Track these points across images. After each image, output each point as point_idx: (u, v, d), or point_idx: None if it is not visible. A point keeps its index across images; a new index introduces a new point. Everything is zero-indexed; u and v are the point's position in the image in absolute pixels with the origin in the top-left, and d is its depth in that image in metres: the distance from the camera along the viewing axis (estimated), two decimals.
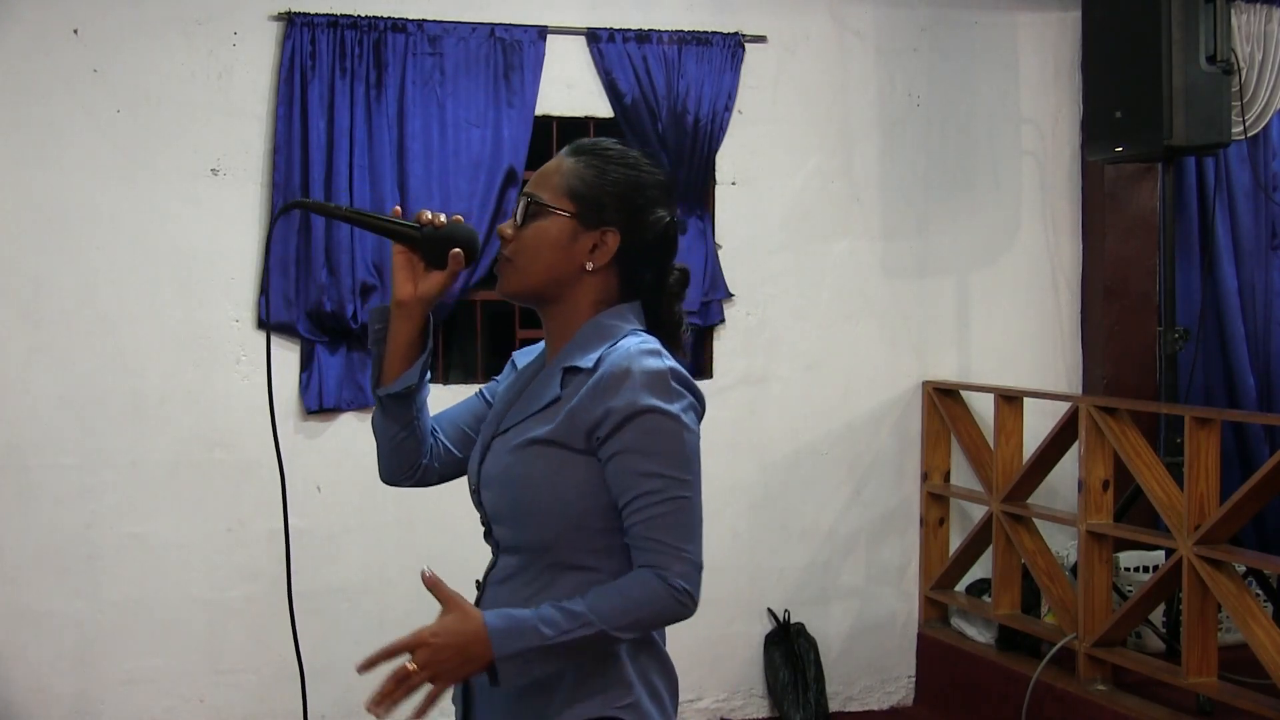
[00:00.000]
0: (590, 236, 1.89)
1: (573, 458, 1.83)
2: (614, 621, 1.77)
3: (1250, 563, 3.99)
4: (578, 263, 1.90)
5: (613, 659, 1.85)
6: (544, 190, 1.91)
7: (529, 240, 1.90)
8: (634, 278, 1.93)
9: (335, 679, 4.52)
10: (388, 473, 2.09)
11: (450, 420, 2.11)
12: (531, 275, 1.91)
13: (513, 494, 1.88)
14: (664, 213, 1.95)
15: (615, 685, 1.86)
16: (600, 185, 1.90)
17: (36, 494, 4.30)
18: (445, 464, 2.10)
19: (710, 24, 4.84)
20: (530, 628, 1.76)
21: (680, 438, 1.80)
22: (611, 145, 1.96)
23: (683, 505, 1.80)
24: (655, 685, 1.90)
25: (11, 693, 4.29)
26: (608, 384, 1.80)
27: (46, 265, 4.30)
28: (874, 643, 5.11)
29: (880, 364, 5.09)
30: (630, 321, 1.92)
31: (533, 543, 1.88)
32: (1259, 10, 5.19)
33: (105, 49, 4.32)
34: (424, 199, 4.50)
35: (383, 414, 2.02)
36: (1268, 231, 5.33)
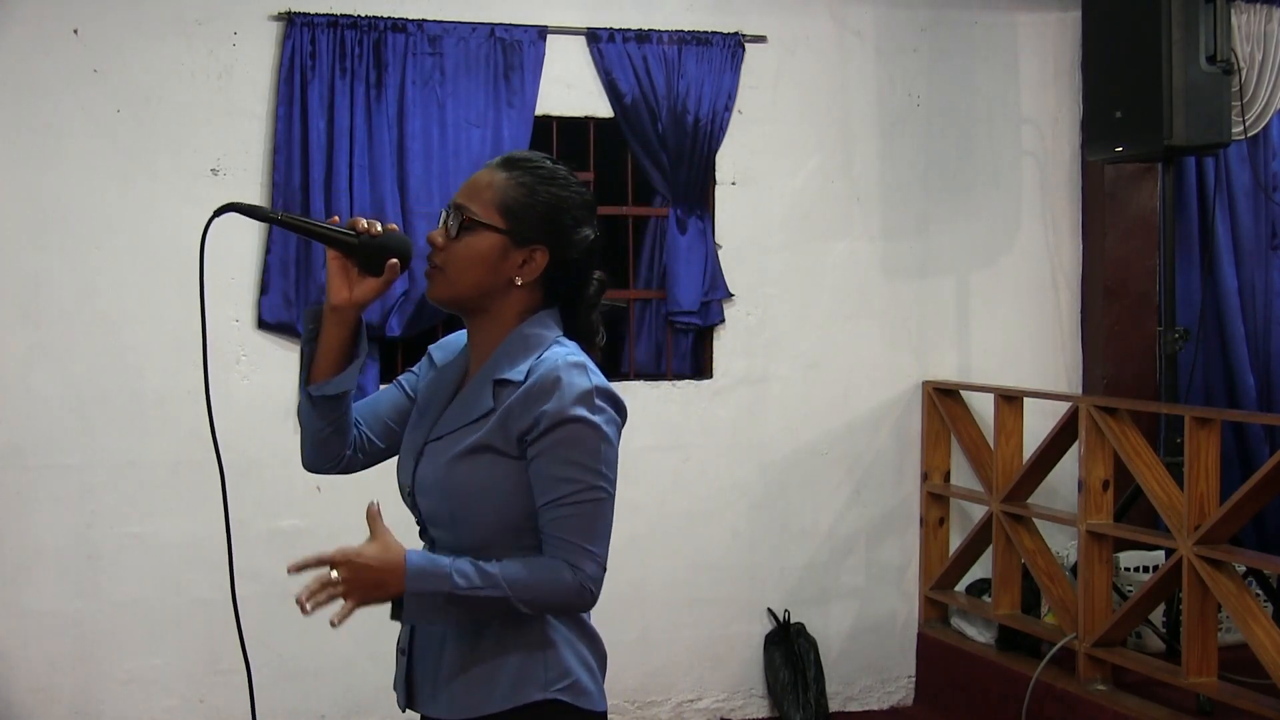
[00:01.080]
0: (520, 253, 1.98)
1: (506, 463, 1.92)
2: (520, 594, 1.87)
3: (1250, 563, 3.99)
4: (506, 276, 1.98)
5: (550, 645, 1.96)
6: (475, 203, 1.98)
7: (460, 253, 1.97)
8: (557, 289, 2.02)
9: (334, 679, 4.54)
10: (311, 462, 2.17)
11: (372, 412, 2.17)
12: (460, 286, 1.98)
13: (451, 501, 1.97)
14: (588, 230, 2.03)
15: (553, 669, 1.95)
16: (531, 204, 1.98)
17: (36, 494, 4.30)
18: (368, 454, 2.18)
19: (710, 24, 4.84)
20: (444, 574, 1.87)
21: (598, 447, 1.90)
22: (542, 162, 2.04)
23: (594, 509, 1.90)
24: (589, 662, 2.01)
25: (11, 693, 4.29)
26: (538, 393, 1.89)
27: (46, 265, 4.30)
28: (874, 643, 5.11)
29: (880, 364, 5.10)
30: (552, 329, 2.00)
31: (468, 545, 1.95)
32: (1259, 10, 5.19)
33: (105, 49, 4.32)
34: (424, 199, 4.50)
35: (311, 409, 2.08)
36: (1268, 231, 5.33)
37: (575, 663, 1.97)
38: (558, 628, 1.97)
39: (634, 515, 4.58)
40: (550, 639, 1.96)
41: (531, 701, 1.94)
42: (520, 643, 1.95)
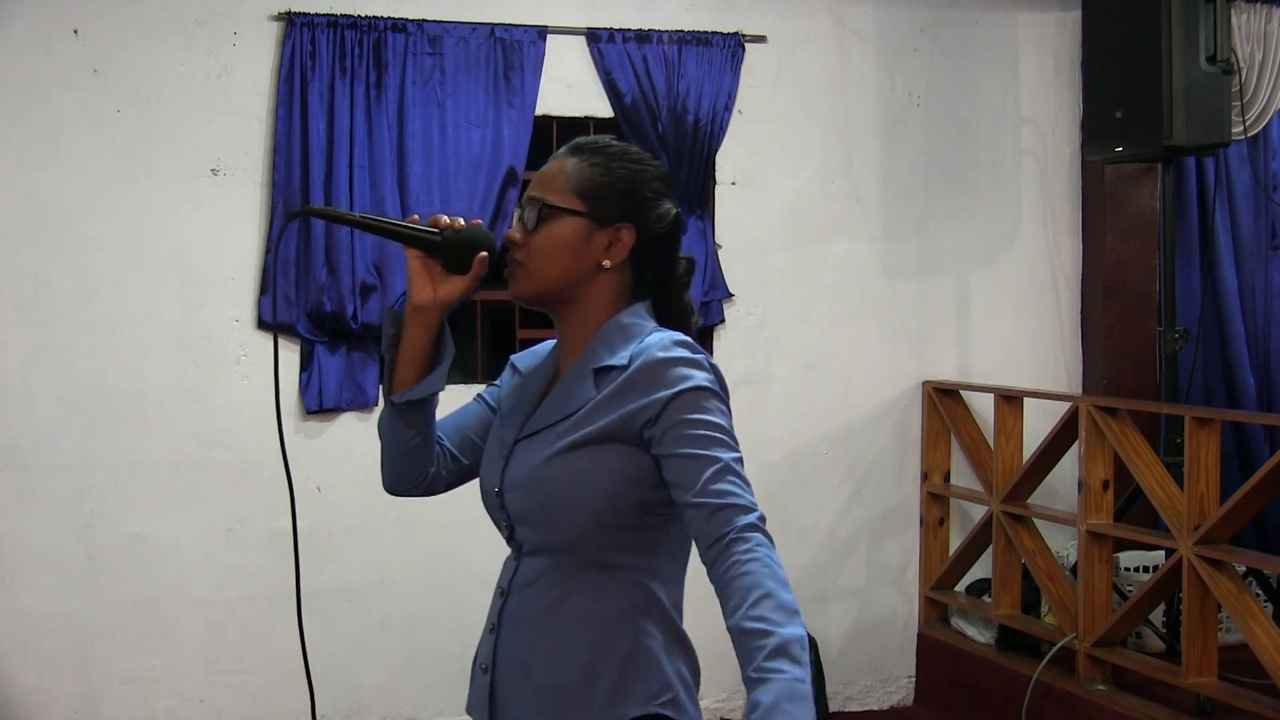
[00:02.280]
0: (604, 234, 1.90)
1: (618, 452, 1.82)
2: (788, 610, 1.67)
3: (1250, 563, 3.99)
4: (593, 261, 1.90)
5: (649, 658, 1.84)
6: (550, 192, 1.90)
7: (542, 244, 1.89)
8: (648, 270, 1.94)
9: (335, 679, 4.54)
10: (393, 481, 2.04)
11: (455, 428, 2.07)
12: (547, 278, 1.90)
13: (544, 496, 1.85)
14: (669, 204, 1.95)
15: (655, 683, 1.85)
16: (608, 182, 1.90)
17: (36, 494, 4.30)
18: (451, 472, 2.07)
19: (710, 24, 4.84)
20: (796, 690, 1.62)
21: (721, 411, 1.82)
22: (610, 142, 1.96)
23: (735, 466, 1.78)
24: (686, 678, 1.90)
25: (11, 693, 4.29)
26: (652, 376, 1.81)
27: (46, 265, 4.30)
28: (874, 643, 5.11)
29: (880, 364, 5.10)
30: (649, 320, 1.92)
31: (561, 543, 1.85)
32: (1259, 10, 5.19)
33: (105, 49, 4.32)
34: (424, 199, 4.50)
35: (395, 420, 1.97)
36: (1268, 231, 5.33)
37: (674, 677, 1.87)
38: (655, 635, 1.85)
39: None
40: (649, 650, 1.85)
41: (632, 718, 1.82)
42: (616, 656, 1.83)
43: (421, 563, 4.60)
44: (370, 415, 4.55)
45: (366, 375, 4.53)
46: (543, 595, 1.87)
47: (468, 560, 4.60)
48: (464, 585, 4.52)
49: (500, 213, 4.58)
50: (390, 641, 4.57)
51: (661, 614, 1.88)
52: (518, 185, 4.59)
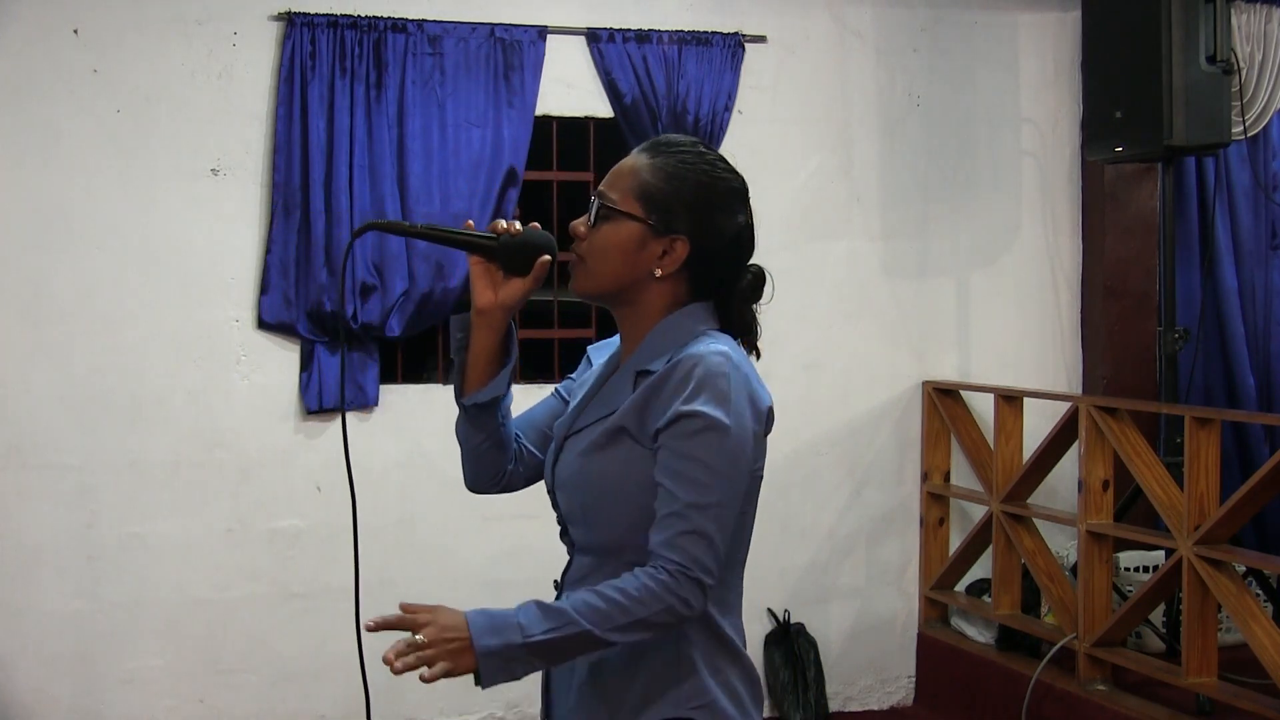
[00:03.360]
0: (659, 243, 1.88)
1: (641, 453, 1.82)
2: (600, 622, 1.74)
3: (1250, 563, 3.99)
4: (645, 268, 1.89)
5: (687, 663, 1.85)
6: (615, 190, 1.90)
7: (598, 243, 1.90)
8: (704, 281, 1.92)
9: (335, 679, 4.54)
10: (472, 480, 2.08)
11: (531, 423, 2.10)
12: (601, 278, 1.91)
13: (583, 496, 1.88)
14: (740, 218, 1.94)
15: (688, 687, 1.85)
16: (672, 191, 1.88)
17: (36, 494, 4.30)
18: (530, 468, 2.09)
19: (710, 24, 4.84)
20: (511, 624, 1.74)
21: (722, 447, 1.78)
22: (688, 147, 1.93)
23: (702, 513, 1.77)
24: (734, 686, 1.89)
25: (11, 693, 4.29)
26: (672, 386, 1.80)
27: (46, 265, 4.30)
28: (874, 643, 5.11)
29: (880, 364, 5.09)
30: (702, 322, 1.91)
31: (606, 543, 1.87)
32: (1259, 10, 5.19)
33: (105, 49, 4.32)
34: (424, 199, 4.50)
35: (467, 423, 2.01)
36: (1268, 231, 5.33)
37: (714, 683, 1.86)
38: (696, 643, 1.85)
39: None
40: (687, 655, 1.85)
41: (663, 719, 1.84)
42: (656, 659, 1.85)
43: (421, 563, 4.60)
44: (370, 415, 4.55)
45: (366, 375, 4.53)
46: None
47: (468, 560, 4.61)
48: (464, 585, 4.52)
49: (500, 213, 4.57)
50: (390, 641, 4.56)
51: (707, 621, 1.87)
52: (518, 185, 4.59)
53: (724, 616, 1.89)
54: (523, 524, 4.66)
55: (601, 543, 1.88)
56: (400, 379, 4.68)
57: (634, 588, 1.75)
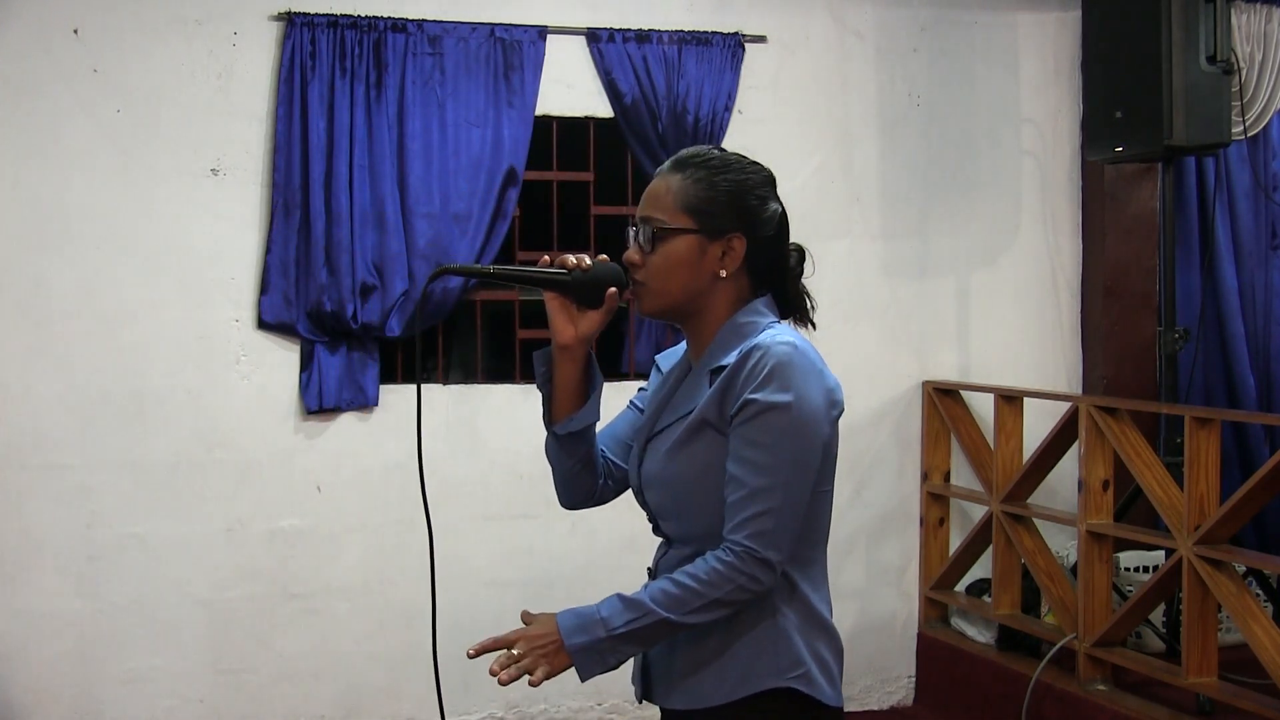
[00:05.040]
0: (718, 245, 2.01)
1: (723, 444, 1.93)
2: (677, 608, 1.89)
3: (1250, 563, 3.98)
4: (710, 272, 2.01)
5: (781, 635, 1.96)
6: (660, 211, 2.01)
7: (660, 264, 2.01)
8: (762, 271, 2.06)
9: (335, 679, 4.54)
10: (568, 500, 2.20)
11: (613, 436, 2.21)
12: (669, 295, 2.02)
13: (674, 491, 2.00)
14: (775, 204, 2.07)
15: (785, 657, 1.96)
16: (714, 196, 2.01)
17: (36, 494, 4.30)
18: (618, 480, 2.21)
19: (710, 24, 4.84)
20: (595, 620, 1.91)
21: (789, 432, 1.90)
22: (711, 153, 2.06)
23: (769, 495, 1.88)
24: (824, 657, 2.00)
25: (11, 693, 4.29)
26: (745, 376, 1.91)
27: (46, 265, 4.30)
28: (874, 643, 5.11)
29: (880, 364, 5.09)
30: (765, 315, 2.04)
31: (699, 533, 1.98)
32: (1259, 10, 5.19)
33: (105, 49, 4.32)
34: (424, 199, 4.50)
35: (558, 449, 2.12)
36: (1268, 231, 5.33)
37: (807, 654, 1.97)
38: (789, 616, 1.96)
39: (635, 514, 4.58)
40: (781, 628, 1.96)
41: (764, 690, 1.94)
42: (751, 633, 1.95)
43: (421, 563, 4.59)
44: (370, 415, 4.55)
45: (366, 375, 4.53)
46: None
47: (468, 560, 4.60)
48: (464, 585, 4.52)
49: (500, 213, 4.57)
50: (390, 641, 4.57)
51: (797, 595, 1.98)
52: (518, 185, 4.59)
53: (814, 591, 2.00)
54: (523, 524, 4.67)
55: (696, 533, 1.99)
56: (400, 379, 4.68)
57: (704, 572, 1.89)
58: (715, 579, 1.88)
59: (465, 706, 4.65)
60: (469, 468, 4.61)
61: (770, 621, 1.96)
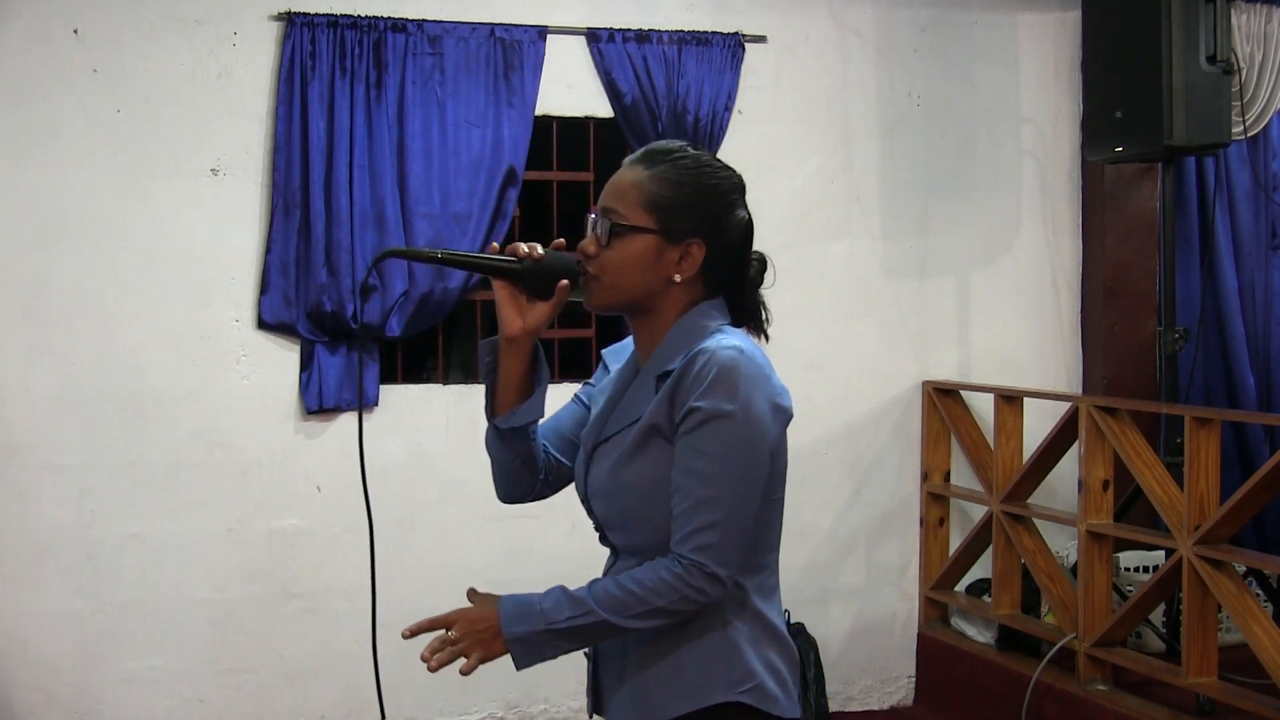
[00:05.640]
0: (675, 250, 1.93)
1: (671, 453, 1.87)
2: (617, 610, 1.83)
3: (1250, 563, 3.99)
4: (665, 275, 1.93)
5: (732, 647, 1.90)
6: (622, 205, 1.93)
7: (615, 260, 1.93)
8: (718, 277, 1.97)
9: (335, 679, 4.54)
10: (505, 494, 2.14)
11: (557, 432, 2.14)
12: (620, 292, 1.95)
13: (622, 503, 1.94)
14: (742, 213, 1.99)
15: (736, 671, 1.90)
16: (679, 198, 1.93)
17: (36, 494, 4.30)
18: (559, 475, 2.14)
19: (710, 24, 4.84)
20: (535, 612, 1.85)
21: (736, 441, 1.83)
22: (682, 152, 1.98)
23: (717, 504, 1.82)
24: (777, 668, 1.95)
25: (11, 693, 4.29)
26: (689, 383, 1.84)
27: (46, 265, 4.30)
28: (874, 643, 5.11)
29: (880, 364, 5.09)
30: (715, 318, 1.95)
31: (648, 545, 1.92)
32: (1259, 10, 5.19)
33: (105, 49, 4.32)
34: (424, 199, 4.50)
35: (499, 442, 2.05)
36: (1268, 231, 5.33)
37: (760, 666, 1.92)
38: (739, 627, 1.91)
39: None
40: (732, 640, 1.91)
41: (713, 704, 1.89)
42: (701, 645, 1.90)
43: (421, 563, 4.60)
44: (370, 415, 4.55)
45: (367, 375, 4.53)
46: None
47: (468, 560, 4.60)
48: (464, 585, 4.51)
49: (500, 213, 4.57)
50: (390, 641, 4.55)
51: (748, 606, 1.93)
52: (517, 185, 4.59)
53: (765, 600, 1.95)
54: (523, 524, 4.67)
55: (645, 544, 1.92)
56: (400, 379, 4.68)
57: (651, 579, 1.83)
58: (661, 588, 1.82)
59: (465, 706, 4.65)
60: (469, 468, 4.60)
61: (721, 633, 1.90)
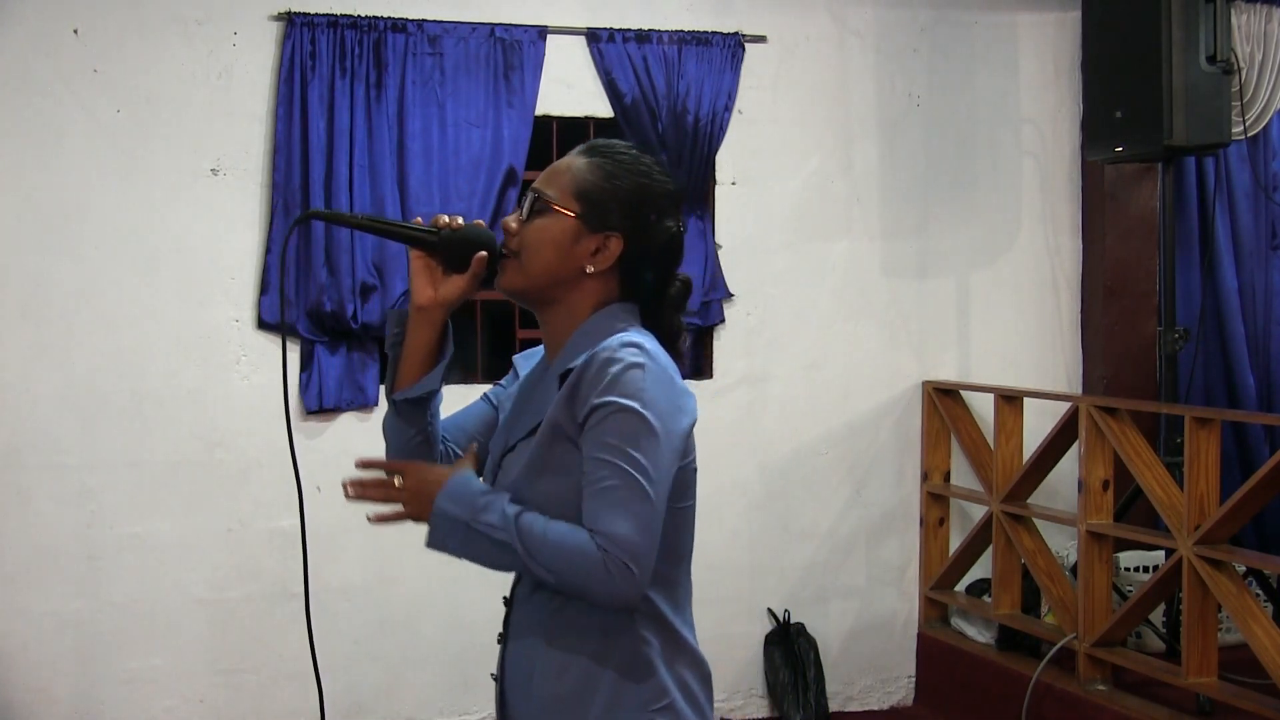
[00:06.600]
0: (593, 239, 1.90)
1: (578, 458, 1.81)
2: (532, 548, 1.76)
3: (1250, 563, 3.99)
4: (578, 264, 1.90)
5: (645, 665, 1.86)
6: (552, 187, 1.92)
7: (532, 237, 1.91)
8: (635, 283, 1.93)
9: (335, 679, 4.54)
10: None
11: (459, 427, 2.10)
12: (531, 273, 1.91)
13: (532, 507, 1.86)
14: (671, 223, 1.94)
15: (650, 690, 1.86)
16: (609, 189, 1.90)
17: (36, 494, 4.30)
18: None
19: (710, 24, 4.84)
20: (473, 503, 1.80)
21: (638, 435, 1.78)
22: (625, 149, 1.96)
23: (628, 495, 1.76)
24: (689, 685, 1.91)
25: (11, 693, 4.29)
26: (589, 379, 1.80)
27: (46, 265, 4.30)
28: (874, 643, 5.11)
29: (880, 364, 5.09)
30: (624, 321, 1.91)
31: None
32: (1259, 10, 5.19)
33: (105, 49, 4.32)
34: (424, 199, 4.50)
35: (397, 418, 2.00)
36: (1268, 231, 5.33)
37: (673, 684, 1.88)
38: (653, 644, 1.87)
39: None
40: (645, 657, 1.86)
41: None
42: (612, 664, 1.85)
43: (421, 563, 4.59)
44: (370, 415, 4.55)
45: (366, 375, 4.53)
46: (542, 606, 1.90)
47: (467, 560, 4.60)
48: (464, 585, 4.52)
49: (500, 212, 4.57)
50: (390, 641, 4.57)
51: (660, 620, 1.89)
52: (518, 185, 4.59)
53: (677, 614, 1.92)
54: None
55: None
56: None
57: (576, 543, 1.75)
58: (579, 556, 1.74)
59: (465, 706, 4.65)
60: None
61: (634, 650, 1.86)
